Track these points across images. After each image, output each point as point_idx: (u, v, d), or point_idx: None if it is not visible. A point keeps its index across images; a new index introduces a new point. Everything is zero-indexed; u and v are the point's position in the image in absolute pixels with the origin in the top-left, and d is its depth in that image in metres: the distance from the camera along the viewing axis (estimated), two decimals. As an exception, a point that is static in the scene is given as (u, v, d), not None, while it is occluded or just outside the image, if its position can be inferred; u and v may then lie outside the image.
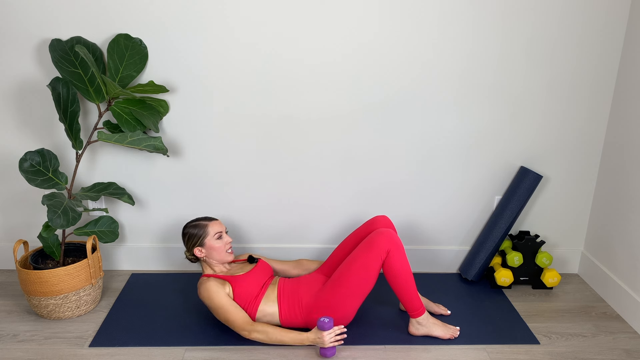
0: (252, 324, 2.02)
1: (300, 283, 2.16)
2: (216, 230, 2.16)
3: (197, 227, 2.16)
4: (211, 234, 2.15)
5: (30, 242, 2.57)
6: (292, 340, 2.00)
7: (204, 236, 2.15)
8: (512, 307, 2.37)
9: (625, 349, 2.11)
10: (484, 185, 2.55)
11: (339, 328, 1.99)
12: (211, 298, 2.05)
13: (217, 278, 2.11)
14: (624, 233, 2.35)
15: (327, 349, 1.99)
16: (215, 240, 2.15)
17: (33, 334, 2.12)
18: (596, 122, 2.47)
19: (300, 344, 2.01)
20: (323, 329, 1.97)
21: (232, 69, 2.32)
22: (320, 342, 1.97)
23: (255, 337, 2.01)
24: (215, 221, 2.20)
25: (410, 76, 2.36)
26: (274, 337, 2.01)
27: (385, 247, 2.01)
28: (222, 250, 2.16)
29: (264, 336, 2.01)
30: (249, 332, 2.01)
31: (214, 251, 2.15)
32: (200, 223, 2.18)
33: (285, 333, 2.01)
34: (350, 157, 2.48)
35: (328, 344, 1.97)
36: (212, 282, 2.07)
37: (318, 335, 1.98)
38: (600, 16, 2.30)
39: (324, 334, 1.97)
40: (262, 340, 2.01)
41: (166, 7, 2.22)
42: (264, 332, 2.01)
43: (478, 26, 2.29)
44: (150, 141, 2.18)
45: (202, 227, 2.16)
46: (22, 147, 2.42)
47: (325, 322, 1.97)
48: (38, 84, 2.32)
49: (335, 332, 1.98)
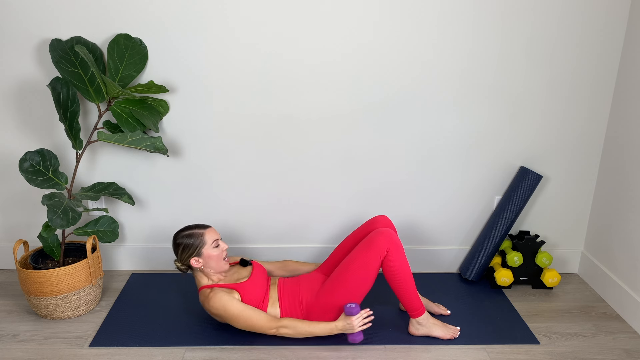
0: (277, 321, 2.01)
1: (301, 282, 2.16)
2: (213, 238, 2.08)
3: (192, 237, 2.06)
4: (209, 243, 2.06)
5: (30, 242, 2.57)
6: (322, 330, 2.00)
7: (201, 245, 2.05)
8: (512, 307, 2.37)
9: (625, 349, 2.11)
10: (484, 185, 2.55)
11: (365, 312, 2.00)
12: (226, 308, 2.00)
13: (222, 288, 2.06)
14: (624, 233, 2.35)
15: (356, 334, 2.01)
16: (213, 249, 2.07)
17: (33, 334, 2.12)
18: (596, 122, 2.47)
19: (329, 333, 2.01)
20: (351, 314, 1.98)
21: (232, 69, 2.32)
22: (350, 328, 1.98)
23: (284, 332, 2.01)
24: (210, 228, 2.11)
25: (410, 76, 2.36)
26: (303, 330, 2.00)
27: (384, 246, 2.01)
28: (220, 259, 2.08)
29: (292, 331, 2.00)
30: (276, 330, 2.00)
31: (211, 260, 2.07)
32: (195, 232, 2.08)
33: (313, 325, 2.01)
34: (350, 157, 2.48)
35: (357, 329, 1.98)
36: (221, 293, 2.02)
37: (347, 322, 1.98)
38: (600, 16, 2.30)
39: (353, 319, 1.98)
40: (291, 335, 2.01)
41: (166, 7, 2.22)
42: (293, 327, 2.00)
43: (478, 26, 2.29)
44: (150, 141, 2.18)
45: (199, 236, 2.06)
46: (22, 147, 2.42)
47: (353, 307, 1.98)
48: (38, 84, 2.32)
49: (362, 316, 1.99)
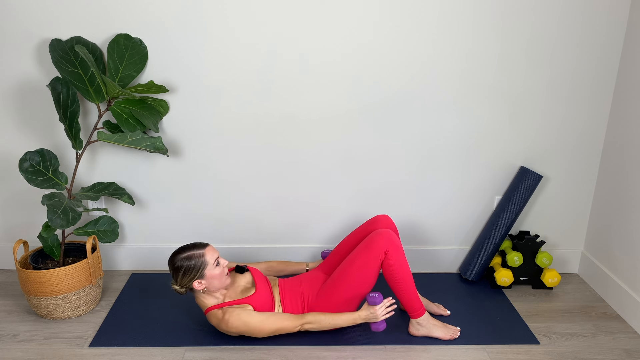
0: (301, 318, 2.02)
1: (302, 282, 2.16)
2: (214, 257, 1.98)
3: (193, 259, 1.94)
4: (210, 263, 1.96)
5: (30, 242, 2.57)
6: (345, 321, 2.02)
7: (203, 267, 1.95)
8: (512, 307, 2.37)
9: (625, 349, 2.11)
10: (484, 185, 2.55)
11: (388, 300, 2.02)
12: (248, 323, 1.96)
13: (233, 305, 2.00)
14: (624, 233, 2.35)
15: (379, 323, 2.04)
16: (215, 268, 1.97)
17: (33, 334, 2.12)
18: (596, 122, 2.47)
19: (353, 323, 2.03)
20: (375, 304, 2.00)
21: (232, 69, 2.32)
22: (374, 317, 2.01)
23: (308, 328, 2.03)
24: (209, 247, 2.00)
25: (410, 76, 2.36)
26: (326, 324, 2.02)
27: (384, 247, 2.01)
28: (222, 276, 1.99)
29: (316, 325, 2.03)
30: (301, 326, 2.03)
31: (215, 280, 1.97)
32: (194, 253, 1.96)
33: (337, 317, 2.03)
34: (350, 157, 2.48)
35: (381, 318, 2.01)
36: (235, 311, 1.97)
37: (370, 311, 2.00)
38: (600, 16, 2.30)
39: (376, 308, 2.00)
40: (316, 329, 2.04)
41: (166, 7, 2.22)
42: (317, 321, 2.02)
43: (478, 26, 2.29)
44: (150, 141, 2.18)
45: (199, 257, 1.95)
46: (22, 147, 2.42)
47: (375, 296, 2.00)
48: (38, 84, 2.32)
49: (385, 304, 2.01)
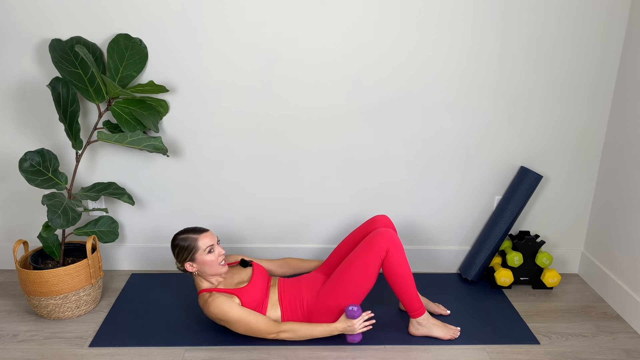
0: (277, 325, 2.01)
1: (301, 283, 2.16)
2: (207, 243, 2.02)
3: (186, 241, 2.02)
4: (202, 249, 2.01)
5: (30, 242, 2.57)
6: (322, 332, 2.01)
7: (194, 251, 2.01)
8: (512, 307, 2.37)
9: (625, 349, 2.11)
10: (484, 185, 2.55)
11: (367, 314, 2.01)
12: (226, 313, 1.98)
13: (221, 292, 2.03)
14: (624, 233, 2.35)
15: (355, 335, 2.03)
16: (207, 255, 2.02)
17: (33, 334, 2.12)
18: (596, 122, 2.47)
19: (330, 334, 2.02)
20: (353, 317, 2.00)
21: (232, 69, 2.32)
22: (351, 330, 2.00)
23: (285, 337, 2.01)
24: (205, 233, 2.05)
25: (410, 76, 2.36)
26: (302, 334, 2.01)
27: (385, 246, 2.01)
28: (215, 264, 2.03)
29: (292, 334, 2.01)
30: (276, 334, 2.01)
31: (206, 266, 2.02)
32: (189, 236, 2.03)
33: (313, 327, 2.02)
34: (350, 157, 2.48)
35: (358, 331, 2.00)
36: (220, 298, 1.99)
37: (348, 324, 2.00)
38: (600, 16, 2.30)
39: (354, 321, 1.99)
40: (291, 338, 2.02)
41: (166, 7, 2.22)
42: (292, 330, 2.01)
43: (478, 26, 2.29)
44: (150, 141, 2.18)
45: (192, 241, 2.01)
46: (22, 147, 2.42)
47: (354, 310, 1.99)
48: (38, 84, 2.32)
49: (364, 318, 2.01)
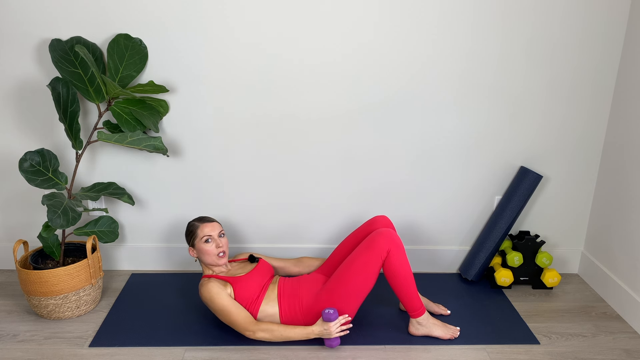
0: (256, 324, 2.02)
1: (301, 283, 2.16)
2: (206, 233, 2.12)
3: (190, 227, 2.16)
4: (199, 237, 2.12)
5: (30, 242, 2.57)
6: (298, 335, 2.01)
7: (194, 237, 2.14)
8: (512, 307, 2.37)
9: (625, 349, 2.11)
10: (484, 185, 2.55)
11: (343, 318, 2.01)
12: (213, 300, 2.04)
13: (218, 279, 2.11)
14: (624, 233, 2.35)
15: (333, 340, 2.01)
16: (204, 244, 2.12)
17: (33, 334, 2.12)
18: (596, 122, 2.47)
19: (306, 338, 2.01)
20: (329, 320, 1.98)
21: (232, 69, 2.32)
22: (327, 334, 1.99)
23: (261, 336, 2.01)
24: (209, 223, 2.15)
25: (410, 76, 2.36)
26: (279, 335, 2.01)
27: (386, 246, 2.01)
28: (212, 254, 2.12)
29: (269, 334, 2.01)
30: (253, 332, 2.01)
31: (202, 254, 2.13)
32: (194, 224, 2.16)
33: (290, 329, 2.01)
34: (350, 157, 2.48)
35: (335, 334, 1.98)
36: (213, 284, 2.06)
37: (324, 327, 1.99)
38: (600, 16, 2.30)
39: (330, 324, 1.98)
40: (268, 339, 2.01)
41: (166, 7, 2.22)
42: (269, 330, 2.01)
43: (478, 26, 2.29)
44: (150, 141, 2.18)
45: (194, 228, 2.15)
46: (22, 147, 2.42)
47: (331, 313, 1.98)
48: (38, 84, 2.32)
49: (340, 322, 2.00)
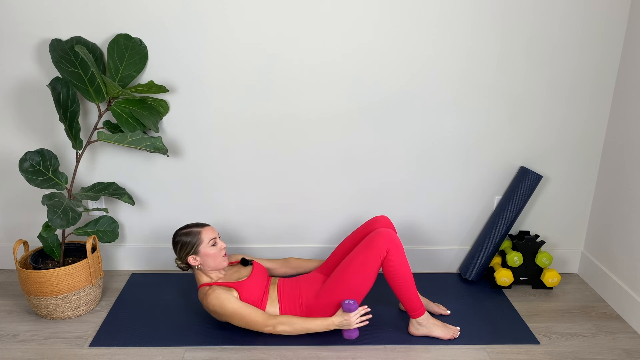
0: (274, 318, 2.02)
1: (300, 282, 2.16)
2: (210, 236, 2.10)
3: (190, 235, 2.09)
4: (205, 241, 2.08)
5: (30, 242, 2.57)
6: (318, 326, 2.01)
7: (197, 244, 2.08)
8: (512, 307, 2.37)
9: (625, 349, 2.11)
10: (484, 185, 2.55)
11: (363, 309, 2.01)
12: (223, 306, 2.01)
13: (220, 285, 2.08)
14: (624, 233, 2.35)
15: (352, 331, 2.01)
16: (210, 247, 2.08)
17: (33, 334, 2.12)
18: (596, 122, 2.47)
19: (326, 329, 2.01)
20: (349, 311, 1.98)
21: (232, 69, 2.32)
22: (347, 324, 1.99)
23: (281, 330, 2.01)
24: (208, 227, 2.13)
25: (410, 76, 2.36)
26: (300, 327, 2.01)
27: (385, 247, 2.01)
28: (218, 257, 2.09)
29: (289, 327, 2.01)
30: (273, 327, 2.01)
31: (209, 258, 2.09)
32: (192, 230, 2.10)
33: (310, 321, 2.02)
34: (350, 157, 2.48)
35: (354, 325, 1.99)
36: (219, 290, 2.03)
37: (344, 318, 1.99)
38: (600, 16, 2.30)
39: (351, 315, 1.98)
40: (288, 332, 2.01)
41: (166, 7, 2.22)
42: (289, 323, 2.01)
43: (478, 26, 2.29)
44: (150, 141, 2.18)
45: (196, 235, 2.09)
46: (22, 147, 2.42)
47: (351, 303, 1.98)
48: (38, 84, 2.32)
49: (360, 313, 2.00)
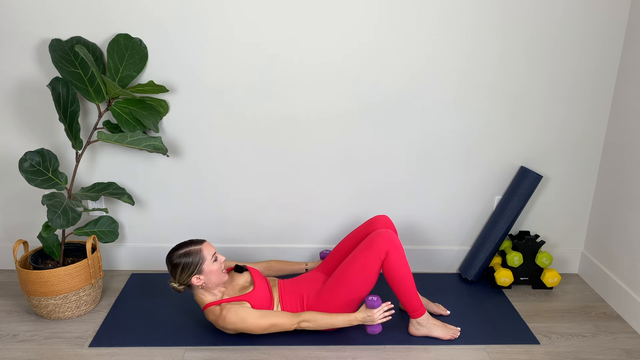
0: (297, 316, 2.03)
1: (301, 282, 2.16)
2: (211, 252, 2.00)
3: (190, 255, 1.97)
4: (208, 258, 1.98)
5: (30, 242, 2.57)
6: (342, 322, 2.02)
7: (201, 262, 1.97)
8: (512, 307, 2.37)
9: (625, 349, 2.11)
10: (484, 185, 2.55)
11: (386, 305, 2.02)
12: (245, 320, 1.98)
13: (230, 302, 2.02)
14: (624, 233, 2.35)
15: (375, 326, 2.03)
16: (213, 263, 1.99)
17: (33, 334, 2.12)
18: (596, 122, 2.47)
19: (349, 324, 2.03)
20: (373, 307, 2.01)
21: (232, 69, 2.32)
22: (370, 320, 2.00)
23: (305, 326, 2.03)
24: (205, 242, 2.03)
25: (410, 76, 2.36)
26: (323, 322, 2.02)
27: (384, 247, 2.01)
28: (220, 272, 2.01)
29: (313, 324, 2.03)
30: (298, 324, 2.02)
31: (212, 275, 1.99)
32: (192, 249, 1.98)
33: (333, 316, 2.03)
34: (350, 157, 2.48)
35: (378, 321, 2.00)
36: (233, 307, 1.99)
37: (368, 314, 2.00)
38: (600, 16, 2.30)
39: (374, 311, 2.00)
40: (312, 327, 2.04)
41: (166, 7, 2.22)
42: (313, 320, 2.02)
43: (478, 26, 2.29)
44: (150, 141, 2.18)
45: (197, 253, 1.97)
46: (22, 147, 2.42)
47: (374, 300, 2.01)
48: (38, 84, 2.32)
49: (384, 309, 2.01)
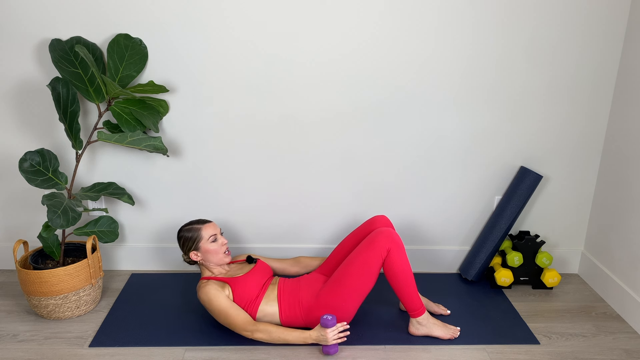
0: (253, 324, 2.02)
1: (301, 283, 2.16)
2: (210, 233, 2.15)
3: (191, 231, 2.15)
4: (205, 237, 2.14)
5: (30, 242, 2.57)
6: (295, 338, 2.00)
7: (198, 240, 2.14)
8: (512, 307, 2.37)
9: (625, 349, 2.11)
10: (484, 185, 2.55)
11: (342, 325, 1.99)
12: (211, 301, 2.05)
13: (216, 280, 2.12)
14: (624, 233, 2.35)
15: (330, 347, 1.99)
16: (210, 244, 2.14)
17: (33, 334, 2.12)
18: (596, 122, 2.47)
19: (303, 342, 2.01)
20: (326, 327, 1.97)
21: (232, 69, 2.32)
22: (324, 340, 1.97)
23: (258, 337, 2.01)
24: (209, 224, 2.18)
25: (410, 76, 2.36)
26: (277, 336, 2.00)
27: (386, 245, 2.01)
28: (219, 253, 2.15)
29: (266, 335, 2.01)
30: (251, 333, 2.01)
31: (210, 254, 2.15)
32: (193, 227, 2.16)
33: (288, 332, 2.01)
34: (350, 157, 2.48)
35: (331, 342, 1.97)
36: (211, 286, 2.08)
37: (321, 333, 1.98)
38: (601, 16, 2.30)
39: (328, 331, 1.96)
40: (265, 339, 2.01)
41: (166, 7, 2.22)
42: (267, 331, 2.01)
43: (478, 26, 2.29)
44: (150, 141, 2.18)
45: (196, 231, 2.15)
46: (22, 147, 2.42)
47: (329, 319, 1.96)
48: (38, 84, 2.32)
49: (338, 329, 1.98)
